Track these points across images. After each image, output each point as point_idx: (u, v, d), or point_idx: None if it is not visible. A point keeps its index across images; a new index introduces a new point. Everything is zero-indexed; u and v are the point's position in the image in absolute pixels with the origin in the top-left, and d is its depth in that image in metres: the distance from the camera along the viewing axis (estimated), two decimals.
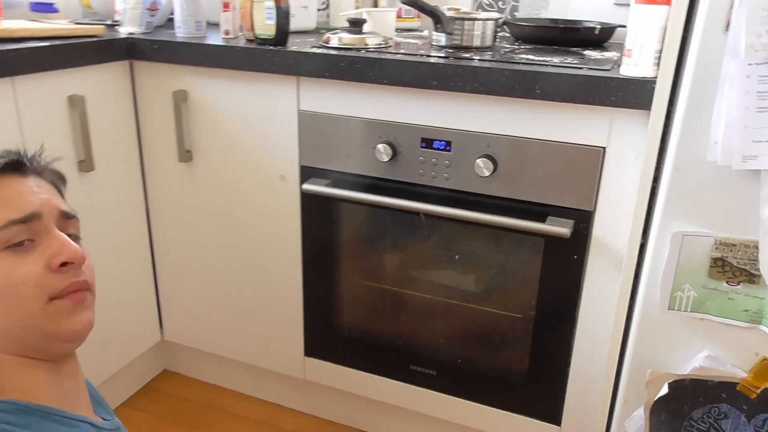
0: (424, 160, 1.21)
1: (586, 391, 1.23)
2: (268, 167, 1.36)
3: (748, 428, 0.99)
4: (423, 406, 1.40)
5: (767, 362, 0.95)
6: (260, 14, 1.26)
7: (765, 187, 0.87)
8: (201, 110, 1.38)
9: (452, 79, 1.12)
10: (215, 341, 1.60)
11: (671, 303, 0.98)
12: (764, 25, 0.81)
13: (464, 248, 1.28)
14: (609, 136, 1.07)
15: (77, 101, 1.28)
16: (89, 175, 1.35)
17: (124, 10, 1.41)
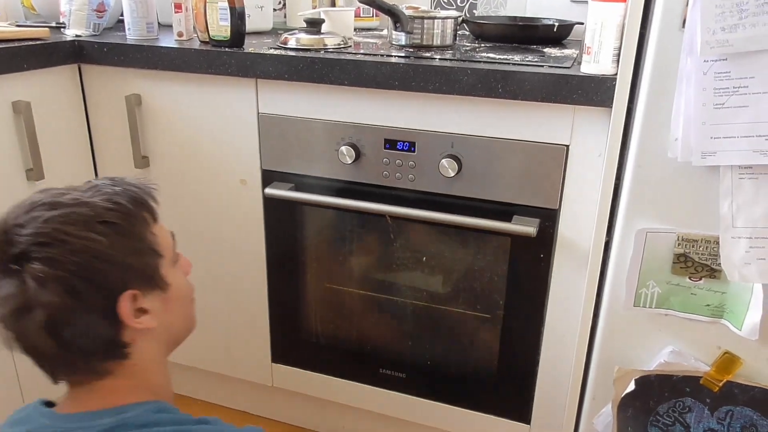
0: (388, 162, 1.19)
1: (554, 389, 1.24)
2: (229, 172, 1.33)
3: (711, 421, 1.01)
4: (393, 409, 1.39)
5: (729, 356, 0.97)
6: (214, 15, 1.23)
7: (724, 182, 0.88)
8: (156, 115, 1.34)
9: (414, 79, 1.10)
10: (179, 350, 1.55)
11: (636, 300, 0.99)
12: (718, 22, 0.81)
13: (431, 249, 1.27)
14: (572, 134, 1.07)
15: (22, 107, 1.22)
16: (39, 184, 1.30)
17: (70, 11, 1.35)
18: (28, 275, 0.65)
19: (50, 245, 0.66)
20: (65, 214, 0.69)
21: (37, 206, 0.69)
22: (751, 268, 0.89)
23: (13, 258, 0.66)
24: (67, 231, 0.67)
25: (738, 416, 0.99)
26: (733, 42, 0.81)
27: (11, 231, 0.68)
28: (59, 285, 0.66)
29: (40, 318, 0.66)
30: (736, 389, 0.98)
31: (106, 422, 0.69)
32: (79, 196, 0.72)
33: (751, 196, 0.87)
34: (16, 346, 0.70)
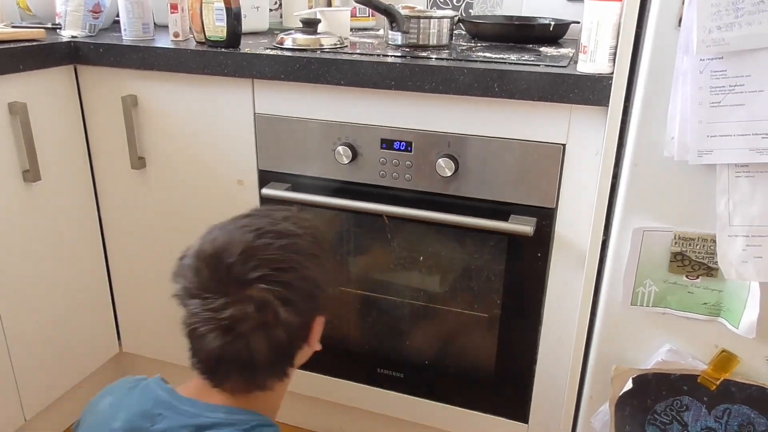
0: (384, 162, 1.19)
1: (552, 389, 1.24)
2: (226, 172, 1.32)
3: (708, 419, 1.01)
4: (391, 409, 1.39)
5: (726, 354, 0.97)
6: (210, 16, 1.23)
7: (720, 181, 0.88)
8: (152, 115, 1.34)
9: (410, 79, 1.10)
10: (176, 351, 1.55)
11: (634, 298, 0.99)
12: (714, 21, 0.81)
13: (428, 249, 1.27)
14: (568, 133, 1.07)
15: (18, 108, 1.22)
16: (35, 185, 1.29)
17: (65, 12, 1.35)
18: (271, 297, 0.73)
19: (287, 271, 0.75)
20: (292, 244, 0.78)
21: (265, 233, 0.77)
22: (748, 266, 0.89)
23: (252, 280, 0.73)
24: (297, 259, 0.77)
25: (735, 414, 0.99)
26: (729, 40, 0.81)
27: (246, 253, 0.74)
28: (292, 306, 0.75)
29: (276, 334, 0.74)
30: (734, 387, 0.98)
31: (220, 416, 0.76)
32: (289, 227, 0.80)
33: (747, 195, 0.87)
34: (207, 358, 0.76)
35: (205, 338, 0.74)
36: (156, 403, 0.77)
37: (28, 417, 1.37)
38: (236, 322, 0.73)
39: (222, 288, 0.74)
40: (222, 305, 0.73)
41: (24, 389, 1.35)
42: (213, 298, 0.74)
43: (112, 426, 0.76)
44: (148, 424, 0.75)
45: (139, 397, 0.79)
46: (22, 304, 1.32)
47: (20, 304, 1.31)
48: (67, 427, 1.54)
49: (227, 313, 0.72)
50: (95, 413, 0.80)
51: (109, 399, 0.81)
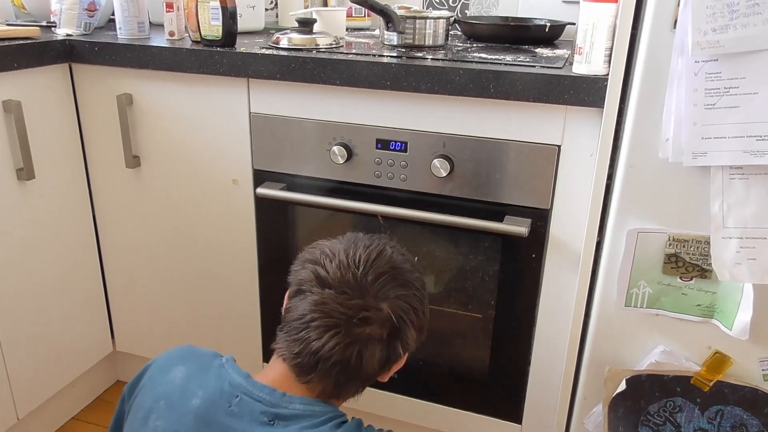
0: (380, 162, 1.19)
1: (546, 389, 1.24)
2: (221, 172, 1.32)
3: (701, 420, 1.01)
4: (384, 409, 1.39)
5: (719, 355, 0.98)
6: (206, 15, 1.22)
7: (715, 182, 0.89)
8: (148, 114, 1.33)
9: (406, 79, 1.10)
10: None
11: (627, 300, 1.00)
12: (709, 23, 0.82)
13: (423, 249, 1.27)
14: (563, 134, 1.07)
15: (13, 107, 1.21)
16: (29, 183, 1.29)
17: (60, 10, 1.34)
18: (406, 317, 0.79)
19: (420, 300, 0.82)
20: (420, 279, 0.84)
21: (407, 261, 0.84)
22: (742, 268, 0.90)
23: (388, 297, 0.78)
24: (424, 294, 0.84)
25: (728, 416, 0.99)
26: (724, 43, 0.81)
27: (396, 270, 0.80)
28: (416, 332, 0.81)
29: (391, 351, 0.79)
30: (727, 389, 0.98)
31: (297, 407, 0.77)
32: (414, 268, 0.85)
33: (741, 197, 0.88)
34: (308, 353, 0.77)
35: (320, 332, 0.75)
36: (233, 386, 0.78)
37: (21, 416, 1.36)
38: (363, 326, 0.76)
39: (363, 291, 0.77)
40: (358, 305, 0.75)
41: (17, 388, 1.34)
42: (351, 295, 0.76)
43: (192, 402, 0.76)
44: (226, 405, 0.76)
45: (215, 377, 0.79)
46: (16, 302, 1.31)
47: (14, 303, 1.31)
48: (60, 425, 1.53)
49: (361, 314, 0.75)
50: (167, 381, 0.80)
51: (183, 369, 0.81)
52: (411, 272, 0.82)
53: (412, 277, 0.81)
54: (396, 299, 0.78)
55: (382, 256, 0.80)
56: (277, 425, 0.75)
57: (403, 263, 0.82)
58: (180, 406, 0.77)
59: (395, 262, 0.81)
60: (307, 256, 0.82)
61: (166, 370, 0.82)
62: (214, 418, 0.75)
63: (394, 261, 0.81)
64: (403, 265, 0.81)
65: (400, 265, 0.81)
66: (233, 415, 0.75)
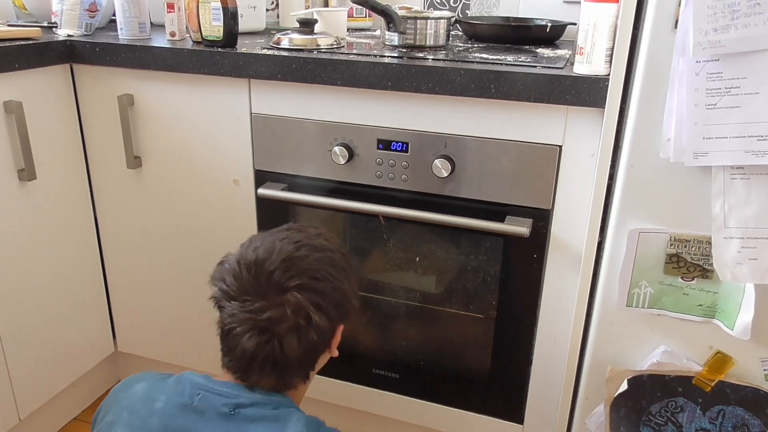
0: (381, 162, 1.19)
1: (547, 389, 1.24)
2: (222, 172, 1.32)
3: (703, 420, 1.01)
4: (386, 410, 1.39)
5: (721, 355, 0.98)
6: (207, 15, 1.22)
7: (716, 183, 0.89)
8: (149, 115, 1.33)
9: (407, 80, 1.10)
10: (171, 351, 1.55)
11: (629, 300, 1.00)
12: (711, 23, 0.82)
13: (424, 250, 1.27)
14: (564, 135, 1.07)
15: (14, 107, 1.21)
16: (30, 184, 1.29)
17: (61, 11, 1.34)
18: (307, 303, 0.81)
19: (322, 281, 0.83)
20: (327, 257, 0.86)
21: (304, 246, 0.85)
22: (743, 268, 0.90)
23: (290, 288, 0.81)
24: (330, 272, 0.85)
25: (730, 416, 0.99)
26: (725, 43, 0.81)
27: (287, 262, 0.82)
28: (323, 313, 0.83)
29: (308, 336, 0.82)
30: (728, 389, 0.98)
31: (257, 396, 0.82)
32: (323, 242, 0.88)
33: (743, 197, 0.88)
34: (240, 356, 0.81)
35: (241, 338, 0.80)
36: (193, 386, 0.83)
37: (22, 416, 1.37)
38: (273, 323, 0.80)
39: (261, 292, 0.81)
40: (261, 307, 0.80)
41: (19, 388, 1.34)
42: (252, 300, 0.80)
43: (155, 406, 0.81)
44: (189, 402, 0.81)
45: (175, 383, 0.84)
46: (18, 303, 1.31)
47: (15, 303, 1.31)
48: (62, 426, 1.53)
49: (266, 315, 0.79)
50: (131, 395, 0.85)
51: (143, 384, 0.86)
52: (305, 257, 0.84)
53: (306, 262, 0.83)
54: (295, 289, 0.81)
55: (272, 253, 0.83)
56: (237, 414, 0.80)
57: (296, 251, 0.84)
58: (143, 411, 0.81)
59: (285, 253, 0.83)
60: (214, 273, 0.87)
61: (126, 389, 0.87)
62: (179, 417, 0.80)
63: (284, 252, 0.83)
64: (295, 253, 0.83)
65: (292, 254, 0.83)
66: (196, 411, 0.80)
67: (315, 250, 0.86)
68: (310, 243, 0.86)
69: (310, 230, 0.91)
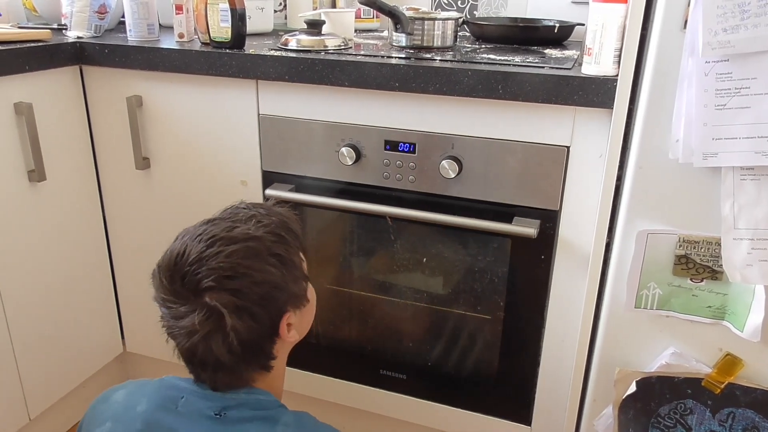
0: (388, 163, 1.19)
1: (555, 391, 1.24)
2: (229, 173, 1.33)
3: (712, 423, 1.00)
4: (393, 411, 1.39)
5: (731, 357, 0.97)
6: (215, 17, 1.23)
7: (725, 184, 0.88)
8: (157, 116, 1.34)
9: (414, 81, 1.10)
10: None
11: (637, 301, 0.99)
12: (720, 23, 0.81)
13: (431, 250, 1.27)
14: (572, 135, 1.07)
15: (24, 109, 1.22)
16: (40, 185, 1.30)
17: (71, 13, 1.35)
18: (219, 305, 0.75)
19: (236, 278, 0.77)
20: (243, 248, 0.79)
21: (217, 241, 0.79)
22: (753, 269, 0.89)
23: (204, 289, 0.76)
24: (248, 265, 0.78)
25: (740, 418, 0.99)
26: (735, 43, 0.81)
27: (197, 263, 0.77)
28: (245, 312, 0.77)
29: (230, 339, 0.76)
30: (738, 391, 0.98)
31: (242, 395, 0.81)
32: (247, 230, 0.81)
33: (752, 198, 0.87)
34: (185, 358, 0.81)
35: (176, 340, 0.80)
36: (177, 390, 0.81)
37: (32, 416, 1.37)
38: (194, 328, 0.76)
39: (179, 298, 0.78)
40: (183, 313, 0.77)
41: (28, 388, 1.35)
42: (174, 306, 0.78)
43: (137, 410, 0.79)
44: (173, 406, 0.79)
45: (156, 386, 0.83)
46: (27, 303, 1.32)
47: (25, 304, 1.32)
48: (71, 426, 1.54)
49: (185, 321, 0.77)
50: (111, 403, 0.83)
51: (122, 392, 0.85)
52: (216, 255, 0.77)
53: (217, 260, 0.77)
54: (208, 291, 0.76)
55: (182, 254, 0.78)
56: (224, 416, 0.78)
57: (206, 249, 0.78)
58: (126, 417, 0.80)
59: (195, 253, 0.78)
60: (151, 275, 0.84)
61: (105, 399, 0.86)
62: (162, 420, 0.78)
63: (194, 253, 0.78)
64: (205, 252, 0.77)
65: (201, 254, 0.77)
66: (181, 415, 0.78)
67: (231, 243, 0.78)
68: (227, 236, 0.79)
69: (242, 214, 0.85)
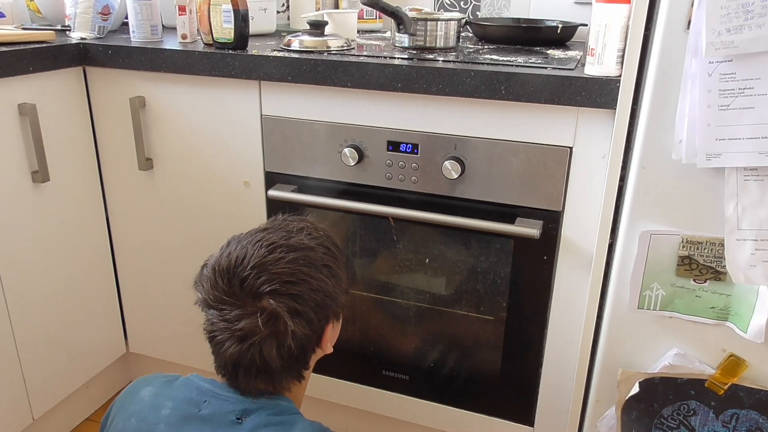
0: (391, 164, 1.19)
1: (558, 392, 1.23)
2: (232, 174, 1.33)
3: (716, 424, 1.00)
4: (396, 411, 1.39)
5: (734, 358, 0.97)
6: (218, 17, 1.23)
7: (729, 184, 0.88)
8: (160, 117, 1.34)
9: (417, 81, 1.10)
10: (182, 352, 1.56)
11: (640, 302, 0.99)
12: (724, 24, 0.81)
13: (434, 251, 1.27)
14: (575, 136, 1.07)
15: (28, 110, 1.22)
16: (44, 186, 1.30)
17: (75, 14, 1.35)
18: (280, 309, 0.78)
19: (297, 284, 0.80)
20: (302, 256, 0.82)
21: (278, 247, 0.82)
22: (757, 270, 0.89)
23: (265, 293, 0.78)
24: (307, 272, 0.81)
25: (743, 419, 0.98)
26: (739, 43, 0.81)
27: (259, 267, 0.79)
28: (303, 317, 0.80)
29: (286, 343, 0.79)
30: (742, 392, 0.97)
31: (263, 399, 0.82)
32: (302, 240, 0.85)
33: (756, 198, 0.87)
34: (225, 362, 0.81)
35: (223, 345, 0.80)
36: (200, 392, 0.83)
37: (36, 416, 1.38)
38: (249, 333, 0.78)
39: (236, 300, 0.79)
40: (236, 316, 0.78)
41: (32, 389, 1.35)
42: (228, 309, 0.79)
43: (162, 413, 0.81)
44: (196, 410, 0.81)
45: (181, 387, 0.84)
46: (31, 304, 1.33)
47: (29, 305, 1.32)
48: (74, 426, 1.54)
49: (240, 324, 0.78)
50: (138, 400, 0.85)
51: (150, 389, 0.86)
52: (279, 260, 0.80)
53: (280, 265, 0.80)
54: (268, 295, 0.78)
55: (243, 258, 0.80)
56: (244, 421, 0.80)
57: (268, 254, 0.80)
58: (150, 417, 0.81)
59: (257, 258, 0.80)
60: (196, 278, 0.86)
61: (134, 392, 0.87)
62: (185, 425, 0.79)
63: (256, 257, 0.80)
64: (267, 257, 0.80)
65: (264, 258, 0.80)
66: (203, 419, 0.80)
67: (291, 251, 0.82)
68: (286, 243, 0.83)
69: (292, 225, 0.87)
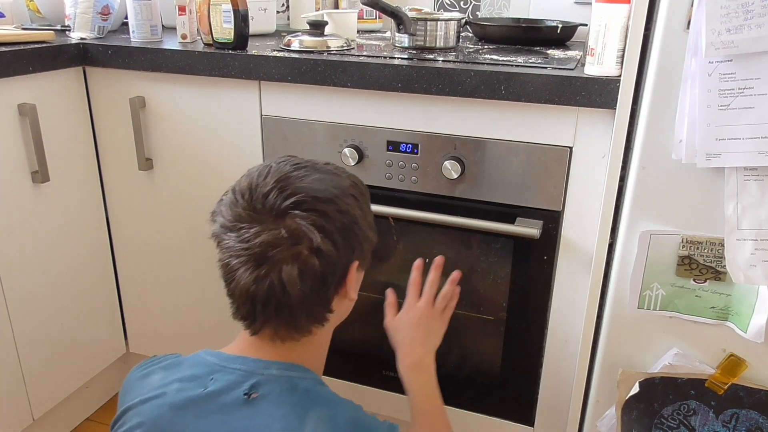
0: (391, 164, 1.19)
1: (558, 392, 1.23)
2: (232, 174, 1.31)
3: (716, 424, 1.00)
4: (397, 411, 1.39)
5: (734, 358, 0.97)
6: (218, 18, 1.23)
7: (729, 184, 0.88)
8: (160, 117, 1.34)
9: (416, 81, 1.10)
10: (183, 352, 1.56)
11: (641, 302, 0.99)
12: (724, 23, 0.81)
13: (434, 251, 1.27)
14: (575, 136, 1.07)
15: (28, 110, 1.22)
16: (44, 186, 1.30)
17: (74, 14, 1.35)
18: (305, 225, 0.70)
19: (324, 202, 0.73)
20: (331, 179, 0.76)
21: (303, 166, 0.75)
22: (757, 270, 0.89)
23: (289, 208, 0.71)
24: (334, 192, 0.74)
25: (743, 419, 0.98)
26: (739, 43, 0.81)
27: (285, 180, 0.72)
28: (328, 237, 0.72)
29: (312, 264, 0.71)
30: (742, 392, 0.97)
31: (274, 372, 0.75)
32: (330, 167, 0.78)
33: (756, 198, 0.87)
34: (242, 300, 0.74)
35: (237, 272, 0.73)
36: (207, 370, 0.77)
37: (36, 416, 1.38)
38: (268, 248, 0.70)
39: (257, 217, 0.72)
40: (255, 233, 0.71)
41: (32, 389, 1.35)
42: (247, 228, 0.72)
43: (168, 395, 0.76)
44: (201, 389, 0.75)
45: (189, 365, 0.80)
46: (30, 304, 1.33)
47: (28, 304, 1.32)
48: (75, 426, 1.54)
49: (259, 239, 0.71)
50: (147, 383, 0.81)
51: (160, 375, 0.81)
52: (304, 177, 0.74)
53: (305, 181, 0.73)
54: (292, 208, 0.71)
55: (266, 175, 0.74)
56: (252, 400, 0.73)
57: (293, 171, 0.74)
58: (157, 400, 0.76)
59: (281, 173, 0.74)
60: (213, 209, 0.80)
61: (145, 376, 0.82)
62: (189, 407, 0.74)
63: (280, 172, 0.74)
64: (292, 173, 0.74)
65: (288, 174, 0.74)
66: (209, 397, 0.74)
67: (316, 171, 0.76)
68: (312, 165, 0.77)
69: (316, 160, 0.81)
